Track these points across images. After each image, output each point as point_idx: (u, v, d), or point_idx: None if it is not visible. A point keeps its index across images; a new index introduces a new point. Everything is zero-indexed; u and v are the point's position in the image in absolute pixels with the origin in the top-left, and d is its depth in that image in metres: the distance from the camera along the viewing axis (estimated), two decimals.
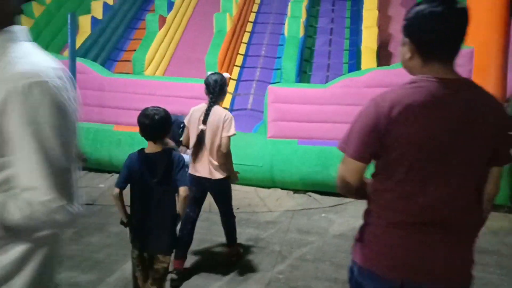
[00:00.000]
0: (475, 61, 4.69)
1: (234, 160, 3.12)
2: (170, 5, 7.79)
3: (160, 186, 2.19)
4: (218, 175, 2.99)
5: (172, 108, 5.46)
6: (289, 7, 7.38)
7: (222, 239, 3.63)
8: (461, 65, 4.78)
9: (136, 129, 5.72)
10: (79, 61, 6.02)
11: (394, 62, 7.10)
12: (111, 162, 5.67)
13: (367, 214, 1.37)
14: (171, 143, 4.66)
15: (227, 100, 7.02)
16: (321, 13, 8.64)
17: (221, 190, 3.10)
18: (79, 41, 7.04)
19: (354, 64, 7.26)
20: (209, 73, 3.16)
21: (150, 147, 2.24)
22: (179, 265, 3.02)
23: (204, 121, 2.96)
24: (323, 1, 8.94)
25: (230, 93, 7.18)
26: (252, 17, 8.66)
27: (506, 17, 4.58)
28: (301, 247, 3.63)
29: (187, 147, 3.13)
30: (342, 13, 8.55)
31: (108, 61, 7.74)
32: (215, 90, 2.99)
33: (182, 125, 4.89)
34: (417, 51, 1.26)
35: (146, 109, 2.23)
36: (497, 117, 1.24)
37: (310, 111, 5.21)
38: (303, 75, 7.09)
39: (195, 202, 3.06)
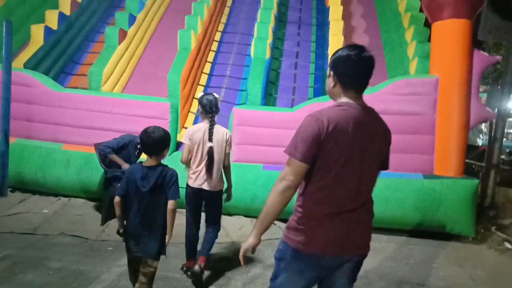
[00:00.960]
0: (440, 90, 4.73)
1: None
2: (132, 19, 7.44)
3: (151, 196, 2.41)
4: (220, 186, 3.33)
5: (129, 127, 5.13)
6: (255, 28, 7.27)
7: (180, 276, 3.29)
8: (427, 93, 4.81)
9: (88, 149, 5.25)
10: (27, 73, 5.55)
11: None
12: (59, 185, 5.14)
13: (300, 209, 1.72)
14: (125, 165, 4.30)
15: (190, 120, 6.72)
16: (287, 36, 8.63)
17: (219, 200, 3.38)
18: (30, 52, 6.51)
19: (320, 88, 7.23)
20: (201, 94, 3.42)
21: (148, 161, 2.47)
22: (191, 265, 3.27)
23: (210, 139, 3.20)
24: (289, 25, 8.96)
25: (192, 112, 6.89)
26: (217, 36, 8.49)
27: (468, 48, 4.68)
28: (265, 284, 3.33)
29: (188, 165, 3.30)
30: (308, 37, 8.60)
31: (62, 75, 7.22)
32: (213, 110, 3.22)
33: (138, 146, 4.54)
34: (338, 82, 1.69)
35: (148, 127, 2.48)
36: (386, 135, 1.76)
37: (276, 135, 5.02)
38: (268, 97, 6.95)
39: (196, 214, 3.35)
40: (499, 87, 6.56)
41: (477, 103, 4.82)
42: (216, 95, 3.33)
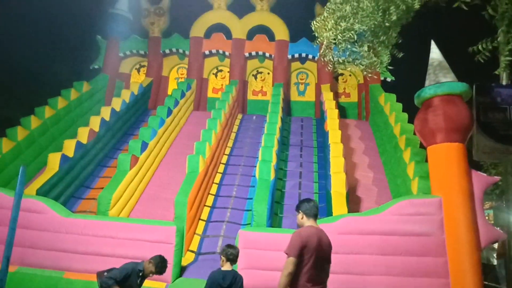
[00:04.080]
0: (444, 210, 4.75)
1: None
2: (144, 146, 7.92)
3: None
4: None
5: (134, 252, 5.05)
6: (260, 151, 7.68)
7: None
8: (432, 214, 4.81)
9: (90, 276, 5.08)
10: (37, 200, 5.68)
11: (364, 206, 7.18)
12: None
13: (295, 284, 2.94)
14: None
15: (194, 242, 6.61)
16: (290, 157, 9.04)
17: None
18: (44, 178, 6.77)
19: (325, 208, 7.27)
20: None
21: (224, 266, 3.81)
22: None
23: None
24: (291, 147, 9.47)
25: (198, 234, 6.82)
26: (224, 159, 8.92)
27: (466, 169, 4.85)
28: None
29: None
30: (310, 158, 8.99)
31: (72, 199, 7.40)
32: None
33: (140, 274, 4.39)
34: (304, 215, 3.19)
35: (229, 244, 3.96)
36: (330, 243, 3.15)
37: (283, 259, 4.87)
38: (274, 217, 6.96)
39: None
40: (503, 204, 6.57)
41: (485, 223, 4.79)
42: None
